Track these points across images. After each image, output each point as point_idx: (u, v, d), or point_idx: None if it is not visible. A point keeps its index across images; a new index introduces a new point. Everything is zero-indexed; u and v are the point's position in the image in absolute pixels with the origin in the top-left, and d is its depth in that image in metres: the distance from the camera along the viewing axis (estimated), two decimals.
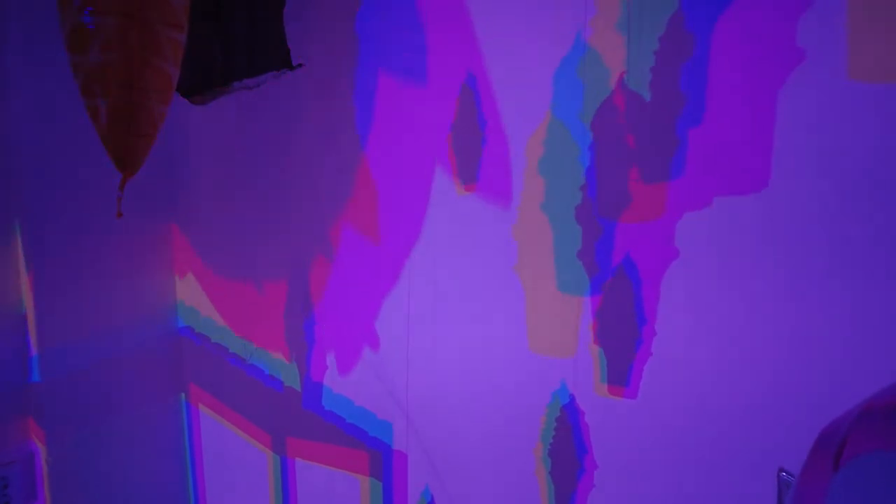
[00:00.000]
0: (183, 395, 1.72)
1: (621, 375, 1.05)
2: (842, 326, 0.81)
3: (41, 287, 1.36)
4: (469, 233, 1.18)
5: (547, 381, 1.15)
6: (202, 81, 1.51)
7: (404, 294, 1.31)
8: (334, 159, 1.36)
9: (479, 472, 1.25)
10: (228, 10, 1.43)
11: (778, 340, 0.89)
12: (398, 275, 1.31)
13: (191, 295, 1.69)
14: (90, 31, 0.86)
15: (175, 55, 0.95)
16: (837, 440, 0.46)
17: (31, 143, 1.32)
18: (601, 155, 0.99)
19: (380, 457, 1.38)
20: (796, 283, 0.84)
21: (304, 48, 1.37)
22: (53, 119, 1.35)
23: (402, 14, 1.20)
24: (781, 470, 0.75)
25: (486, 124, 1.12)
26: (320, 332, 1.44)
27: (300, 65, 1.38)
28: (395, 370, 1.34)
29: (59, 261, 1.39)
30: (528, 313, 1.13)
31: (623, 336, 1.03)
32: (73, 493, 1.44)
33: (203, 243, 1.66)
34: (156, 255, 1.63)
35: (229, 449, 1.65)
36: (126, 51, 0.86)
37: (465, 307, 1.22)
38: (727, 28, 0.85)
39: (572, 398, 1.12)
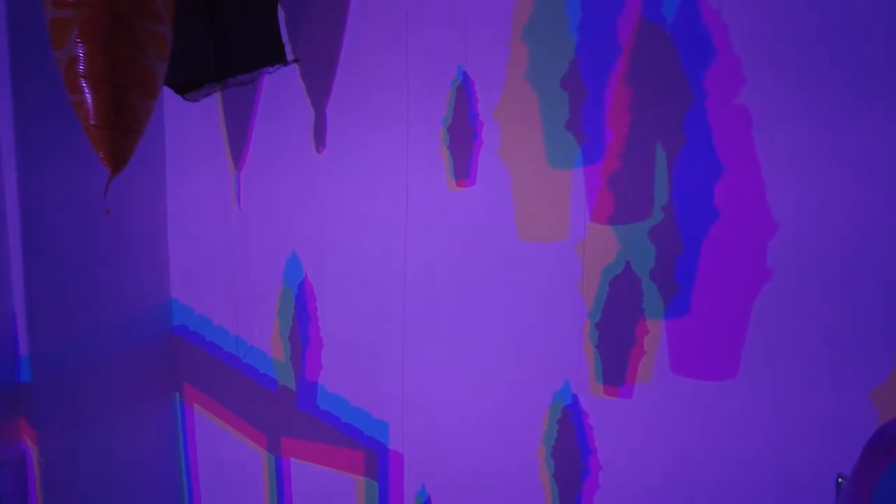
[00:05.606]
0: (177, 394, 1.70)
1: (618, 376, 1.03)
2: None
3: (31, 285, 1.34)
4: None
5: (548, 380, 1.13)
6: (196, 78, 1.49)
7: (400, 289, 1.29)
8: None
9: (480, 474, 1.24)
10: (222, 5, 1.40)
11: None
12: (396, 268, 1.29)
13: (185, 293, 1.67)
14: (66, 24, 0.84)
15: (158, 49, 0.92)
16: (888, 439, 0.54)
17: (22, 141, 1.30)
18: None
19: (375, 457, 1.37)
20: None
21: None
22: (45, 116, 1.33)
23: None
24: (840, 476, 0.78)
25: None
26: (315, 331, 1.42)
27: (295, 60, 1.35)
28: (391, 368, 1.32)
29: (50, 259, 1.37)
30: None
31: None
32: (65, 495, 1.42)
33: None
34: (149, 252, 1.60)
35: (224, 449, 1.64)
36: (100, 44, 0.84)
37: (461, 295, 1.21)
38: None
39: (575, 398, 1.10)
